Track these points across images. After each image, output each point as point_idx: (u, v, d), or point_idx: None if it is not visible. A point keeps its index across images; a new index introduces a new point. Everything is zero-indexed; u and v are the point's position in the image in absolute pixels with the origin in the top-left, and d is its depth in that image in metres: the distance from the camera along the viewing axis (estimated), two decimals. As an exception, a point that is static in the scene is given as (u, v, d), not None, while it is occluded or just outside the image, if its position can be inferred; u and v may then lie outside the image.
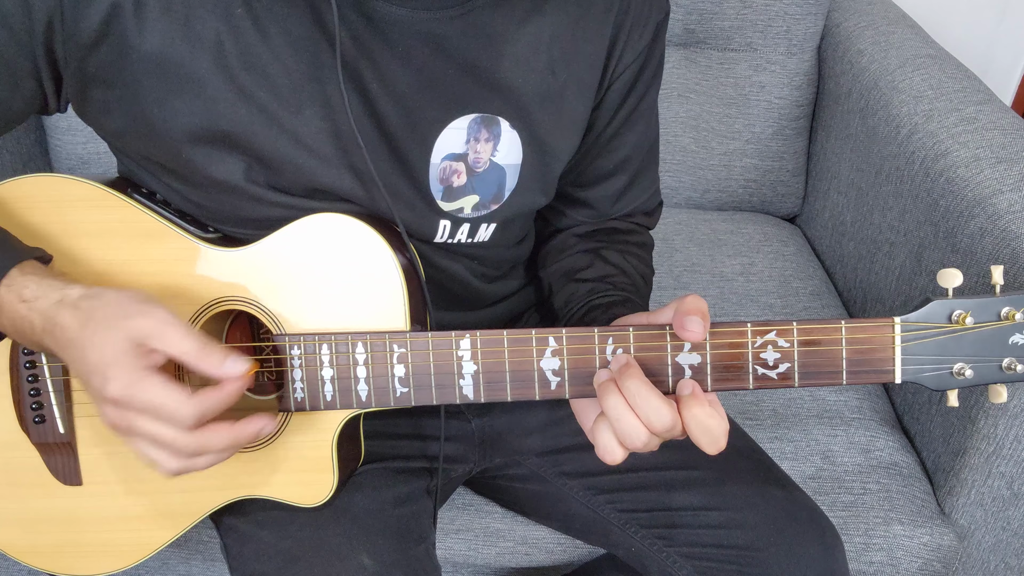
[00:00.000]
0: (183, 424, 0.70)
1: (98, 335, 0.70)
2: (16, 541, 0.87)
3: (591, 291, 0.94)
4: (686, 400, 0.71)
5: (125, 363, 0.69)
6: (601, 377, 0.74)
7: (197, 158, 0.79)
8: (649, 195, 1.03)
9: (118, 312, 0.71)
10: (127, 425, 0.71)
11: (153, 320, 0.71)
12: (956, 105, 1.31)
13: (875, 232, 1.41)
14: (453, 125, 0.83)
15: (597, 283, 0.95)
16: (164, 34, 0.75)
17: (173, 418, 0.70)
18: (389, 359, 0.78)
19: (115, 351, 0.70)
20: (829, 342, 0.74)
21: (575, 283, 0.96)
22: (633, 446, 0.72)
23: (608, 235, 1.01)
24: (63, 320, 0.72)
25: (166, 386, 0.69)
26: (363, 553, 0.84)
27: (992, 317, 0.73)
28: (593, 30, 0.86)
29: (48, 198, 0.81)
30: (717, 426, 0.71)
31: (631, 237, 1.02)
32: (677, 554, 0.94)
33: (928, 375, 0.74)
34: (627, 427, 0.71)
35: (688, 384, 0.73)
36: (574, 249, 1.00)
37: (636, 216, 1.03)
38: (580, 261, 0.98)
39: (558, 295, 0.99)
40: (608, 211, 1.01)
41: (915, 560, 1.12)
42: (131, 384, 0.69)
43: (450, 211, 0.87)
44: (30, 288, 0.73)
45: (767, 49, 1.62)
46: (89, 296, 0.73)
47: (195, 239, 0.81)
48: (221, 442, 0.72)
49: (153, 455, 0.72)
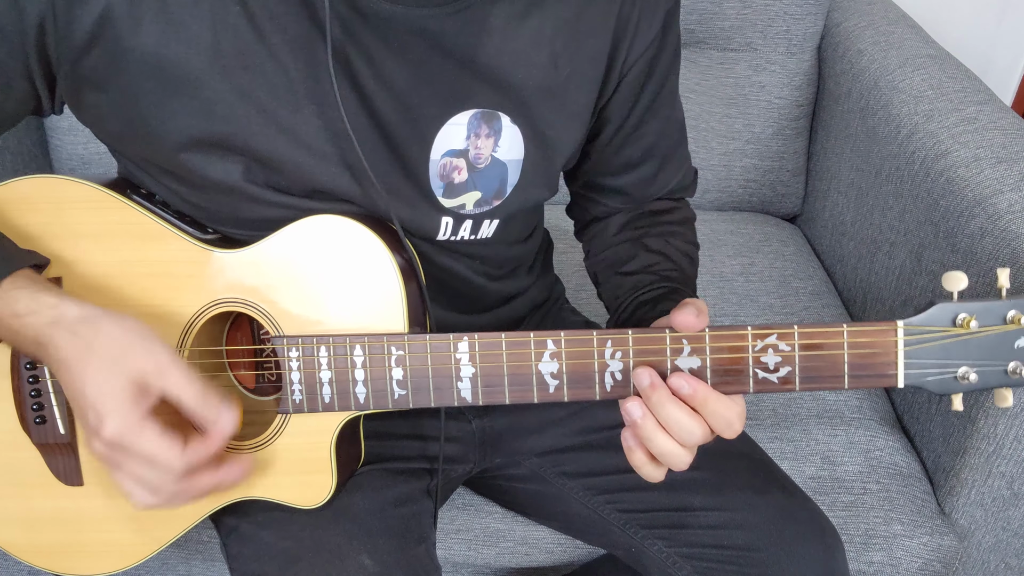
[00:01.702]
0: (174, 473, 0.72)
1: (99, 373, 0.71)
2: (18, 540, 0.87)
3: (636, 285, 0.94)
4: (699, 401, 0.73)
5: (123, 408, 0.70)
6: (635, 415, 0.74)
7: (195, 159, 0.79)
8: (683, 172, 1.02)
9: (120, 349, 0.72)
10: (117, 463, 0.73)
11: (155, 360, 0.72)
12: (956, 105, 1.31)
13: (875, 232, 1.41)
14: (453, 121, 0.83)
15: (642, 275, 0.95)
16: (159, 35, 0.74)
17: (165, 468, 0.72)
18: (387, 361, 0.78)
19: (114, 392, 0.70)
20: (831, 346, 0.73)
21: (620, 276, 0.97)
22: (671, 464, 0.74)
23: (648, 218, 1.01)
24: (58, 342, 0.72)
25: (161, 438, 0.71)
26: (363, 553, 0.84)
27: (997, 321, 0.71)
28: (597, 23, 0.86)
29: (46, 199, 0.81)
30: (727, 408, 0.73)
31: (672, 216, 1.02)
32: (677, 554, 0.94)
33: (931, 379, 0.73)
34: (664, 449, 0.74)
35: (683, 383, 0.73)
36: (616, 239, 1.00)
37: (676, 192, 1.03)
38: (623, 252, 0.98)
39: (604, 288, 1.00)
40: (644, 195, 1.01)
41: (915, 560, 1.12)
42: (128, 432, 0.70)
43: (452, 208, 0.86)
44: (22, 302, 0.73)
45: (767, 49, 1.62)
46: (86, 320, 0.73)
47: (194, 241, 0.81)
48: (204, 488, 0.75)
49: (133, 491, 0.74)
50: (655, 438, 0.73)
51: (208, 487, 0.75)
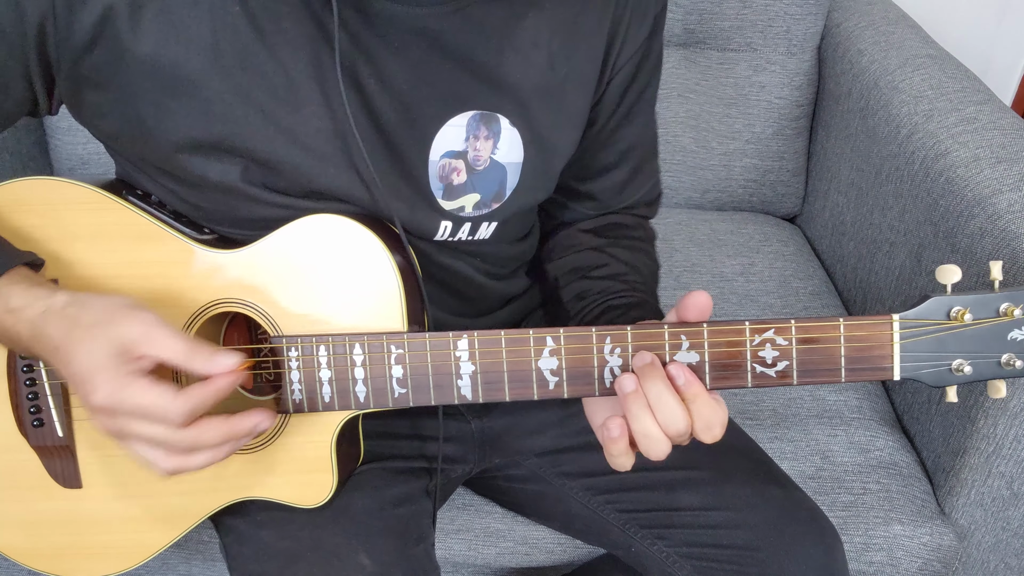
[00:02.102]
0: (174, 421, 0.70)
1: (84, 343, 0.70)
2: (17, 544, 0.87)
3: (605, 290, 0.94)
4: (690, 396, 0.73)
5: (110, 369, 0.70)
6: (627, 388, 0.73)
7: (193, 159, 0.79)
8: (651, 185, 1.03)
9: (103, 319, 0.71)
10: (119, 429, 0.71)
11: (139, 324, 0.71)
12: (956, 105, 1.31)
13: (875, 232, 1.41)
14: (452, 122, 0.83)
15: (611, 281, 0.95)
16: (159, 35, 0.74)
17: (163, 417, 0.70)
18: (387, 360, 0.78)
19: (100, 358, 0.70)
20: (827, 340, 0.73)
21: (587, 280, 0.96)
22: (652, 453, 0.73)
23: (615, 230, 1.01)
24: (49, 329, 0.72)
25: (152, 386, 0.70)
26: (362, 553, 0.84)
27: (991, 313, 0.72)
28: (592, 24, 0.86)
29: (42, 201, 0.81)
30: (713, 412, 0.72)
31: (636, 232, 1.02)
32: (677, 554, 0.94)
33: (927, 372, 0.74)
34: (647, 428, 0.73)
35: (680, 372, 0.73)
36: (583, 245, 1.00)
37: (638, 208, 1.03)
38: (590, 258, 0.98)
39: (567, 289, 0.99)
40: (612, 202, 1.01)
41: (915, 560, 1.12)
42: (117, 390, 0.70)
43: (451, 210, 0.86)
44: (16, 298, 0.73)
45: (767, 49, 1.62)
46: (74, 303, 0.73)
47: (191, 241, 0.81)
48: (215, 437, 0.72)
49: (148, 455, 0.72)
50: (641, 416, 0.72)
51: (220, 437, 0.72)
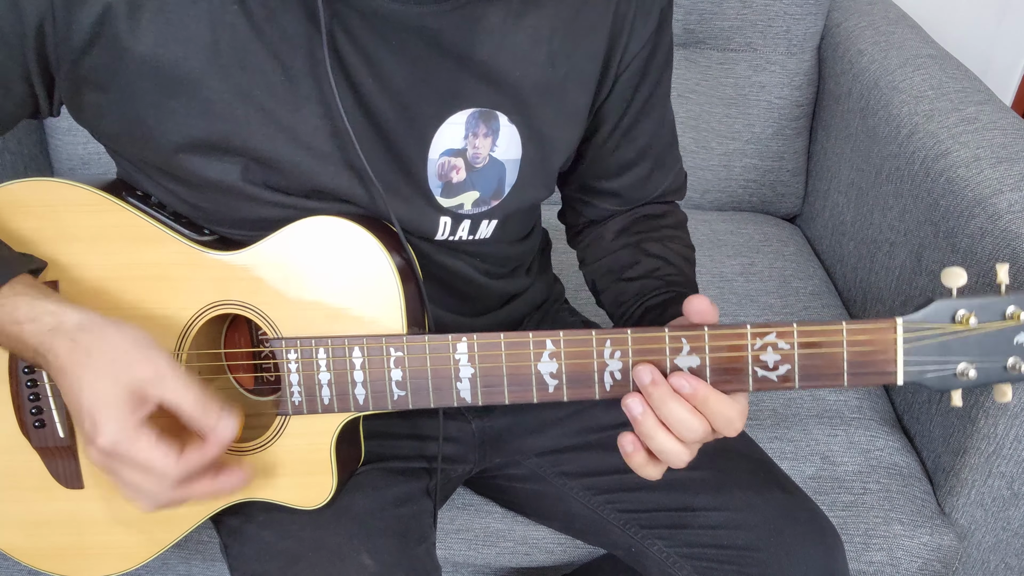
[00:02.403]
0: (167, 484, 0.72)
1: (97, 380, 0.71)
2: (19, 544, 0.87)
3: (640, 290, 0.94)
4: (700, 400, 0.73)
5: (119, 416, 0.70)
6: (635, 411, 0.74)
7: (193, 159, 0.79)
8: (675, 173, 1.03)
9: (118, 356, 0.72)
10: (113, 471, 0.73)
11: (153, 369, 0.72)
12: (956, 105, 1.31)
13: (875, 232, 1.41)
14: (451, 120, 0.83)
15: (645, 280, 0.95)
16: (157, 35, 0.74)
17: (160, 477, 0.72)
18: (386, 363, 0.78)
19: (110, 400, 0.70)
20: (830, 344, 0.73)
21: (623, 282, 0.97)
22: (671, 462, 0.74)
23: (644, 223, 1.01)
24: (58, 349, 0.72)
25: (156, 446, 0.71)
26: (364, 553, 0.84)
27: (996, 317, 0.71)
28: (594, 21, 0.86)
29: (42, 203, 0.81)
30: (728, 407, 0.73)
31: (665, 220, 1.02)
32: (677, 554, 0.94)
33: (931, 376, 0.73)
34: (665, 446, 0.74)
35: (684, 382, 0.73)
36: (614, 245, 1.00)
37: (668, 195, 1.03)
38: (623, 258, 0.98)
39: (606, 294, 0.99)
40: (637, 197, 1.01)
41: (915, 560, 1.12)
42: (122, 439, 0.70)
43: (450, 207, 0.86)
44: (22, 309, 0.73)
45: (767, 49, 1.62)
46: (87, 329, 0.72)
47: (190, 243, 0.81)
48: (200, 495, 0.75)
49: (133, 497, 0.74)
50: (655, 435, 0.73)
51: (206, 493, 0.75)
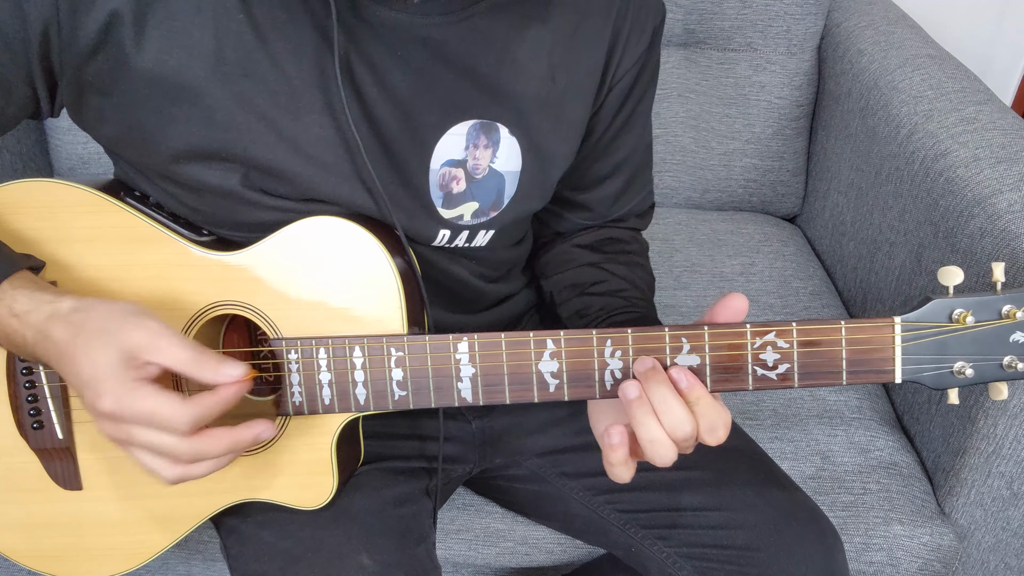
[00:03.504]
0: (179, 430, 0.70)
1: (90, 349, 0.70)
2: (18, 546, 0.87)
3: (605, 307, 0.94)
4: (692, 398, 0.72)
5: (116, 376, 0.70)
6: (631, 394, 0.73)
7: (193, 165, 0.79)
8: (643, 196, 1.03)
9: (109, 325, 0.71)
10: (124, 436, 0.71)
11: (145, 331, 0.71)
12: (956, 105, 1.31)
13: (875, 232, 1.41)
14: (452, 131, 0.83)
15: (611, 298, 0.95)
16: (162, 43, 0.75)
17: (169, 425, 0.70)
18: (387, 363, 0.78)
19: (106, 364, 0.70)
20: (829, 342, 0.73)
21: (587, 296, 0.97)
22: (655, 456, 0.73)
23: (610, 245, 1.01)
24: (54, 334, 0.72)
25: (159, 394, 0.70)
26: (363, 553, 0.84)
27: (993, 315, 0.72)
28: (592, 36, 0.87)
29: (40, 204, 0.81)
30: (717, 414, 0.72)
31: (631, 246, 1.03)
32: (677, 554, 0.94)
33: (928, 374, 0.74)
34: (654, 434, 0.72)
35: (682, 376, 0.73)
36: (578, 261, 1.00)
37: (630, 220, 1.04)
38: (588, 275, 0.98)
39: (565, 306, 0.99)
40: (606, 213, 1.01)
41: (915, 560, 1.12)
42: (123, 396, 0.69)
43: (450, 218, 0.87)
44: (20, 302, 0.73)
45: (767, 49, 1.62)
46: (80, 309, 0.73)
47: (189, 243, 0.81)
48: (219, 447, 0.72)
49: (152, 463, 0.72)
50: (646, 422, 0.72)
51: (224, 447, 0.73)
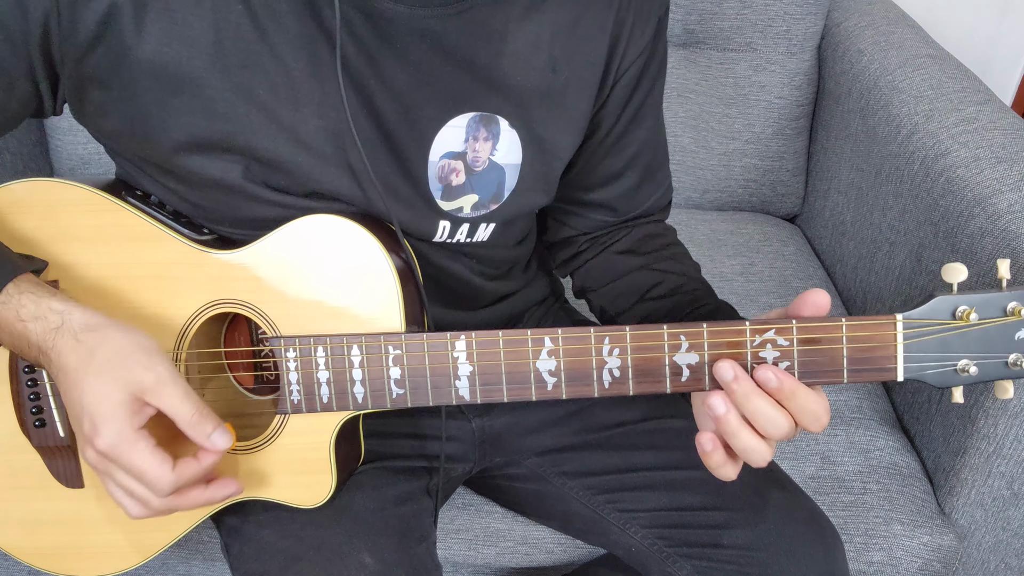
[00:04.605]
0: (161, 491, 0.73)
1: (97, 382, 0.71)
2: (19, 542, 0.87)
3: (674, 308, 0.92)
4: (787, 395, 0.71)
5: (118, 419, 0.71)
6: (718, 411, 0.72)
7: (195, 158, 0.79)
8: (664, 189, 1.02)
9: (120, 361, 0.72)
10: (105, 471, 0.74)
11: (154, 376, 0.72)
12: (956, 105, 1.31)
13: (875, 232, 1.41)
14: (451, 123, 0.83)
15: (675, 297, 0.93)
16: (161, 35, 0.75)
17: (153, 485, 0.72)
18: (385, 361, 0.78)
19: (111, 403, 0.71)
20: (829, 340, 0.73)
21: (649, 302, 0.95)
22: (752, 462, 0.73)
23: (650, 243, 1.00)
24: (61, 348, 0.72)
25: (152, 455, 0.72)
26: (364, 552, 0.84)
27: (997, 313, 0.71)
28: (594, 27, 0.86)
29: (41, 203, 0.81)
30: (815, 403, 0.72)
31: (668, 238, 1.01)
32: (677, 554, 0.94)
33: (931, 373, 0.73)
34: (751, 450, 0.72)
35: (771, 375, 0.71)
36: (626, 268, 0.98)
37: (655, 213, 1.03)
38: (641, 280, 0.96)
39: (625, 316, 0.97)
40: (627, 209, 1.00)
41: (915, 560, 1.12)
42: (119, 444, 0.71)
43: (449, 210, 0.86)
44: (27, 307, 0.74)
45: (767, 49, 1.62)
46: (91, 329, 0.73)
47: (190, 242, 0.81)
48: (189, 505, 0.76)
49: (123, 501, 0.75)
50: (739, 433, 0.71)
51: (197, 503, 0.76)
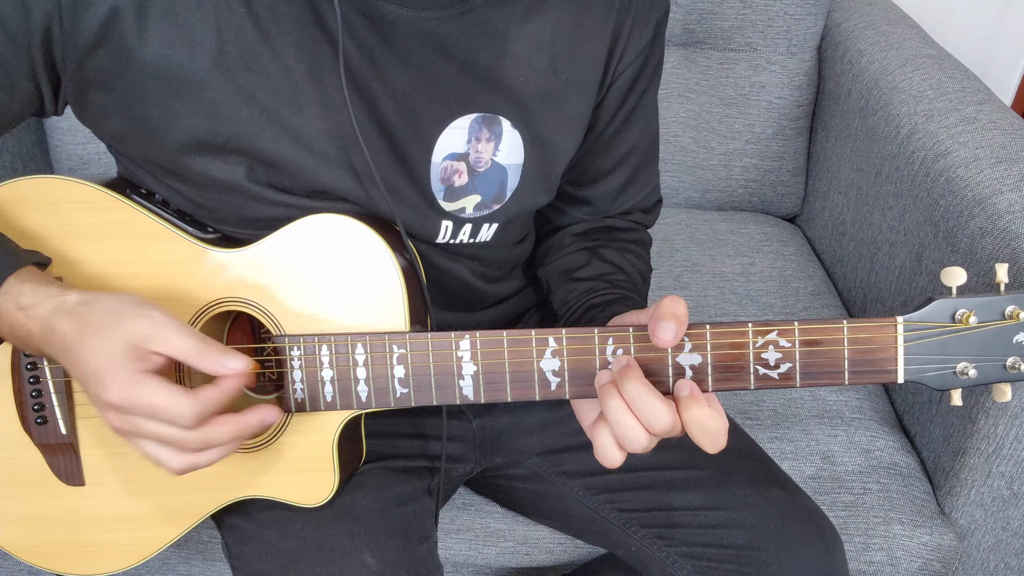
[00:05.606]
0: (185, 423, 0.70)
1: (95, 341, 0.71)
2: (20, 541, 0.87)
3: (589, 290, 0.94)
4: (684, 401, 0.71)
5: (122, 368, 0.70)
6: (602, 379, 0.73)
7: (198, 159, 0.79)
8: (648, 191, 1.03)
9: (114, 317, 0.71)
10: (131, 428, 0.72)
11: (150, 322, 0.71)
12: (956, 105, 1.31)
13: (875, 232, 1.42)
14: (454, 125, 0.83)
15: (595, 281, 0.95)
16: (163, 37, 0.75)
17: (174, 418, 0.70)
18: (389, 360, 0.78)
19: (112, 356, 0.70)
20: (831, 342, 0.73)
21: (573, 282, 0.96)
22: (632, 449, 0.72)
23: (606, 233, 1.01)
24: (60, 327, 0.72)
25: (164, 387, 0.70)
26: (366, 552, 0.84)
27: (996, 316, 0.72)
28: (595, 28, 0.86)
29: (45, 200, 0.81)
30: (717, 426, 0.71)
31: (629, 235, 1.02)
32: (677, 554, 0.94)
33: (931, 375, 0.73)
34: (627, 431, 0.71)
35: (686, 384, 0.72)
36: (571, 247, 1.00)
37: (634, 214, 1.03)
38: (577, 259, 0.98)
39: (556, 293, 0.99)
40: (608, 208, 1.01)
41: (915, 560, 1.12)
42: (128, 388, 0.70)
43: (452, 211, 0.87)
44: (27, 296, 0.74)
45: (767, 49, 1.62)
46: (86, 302, 0.73)
47: (194, 240, 0.81)
48: (225, 435, 0.73)
49: (158, 454, 0.73)
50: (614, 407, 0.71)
51: (230, 435, 0.73)
